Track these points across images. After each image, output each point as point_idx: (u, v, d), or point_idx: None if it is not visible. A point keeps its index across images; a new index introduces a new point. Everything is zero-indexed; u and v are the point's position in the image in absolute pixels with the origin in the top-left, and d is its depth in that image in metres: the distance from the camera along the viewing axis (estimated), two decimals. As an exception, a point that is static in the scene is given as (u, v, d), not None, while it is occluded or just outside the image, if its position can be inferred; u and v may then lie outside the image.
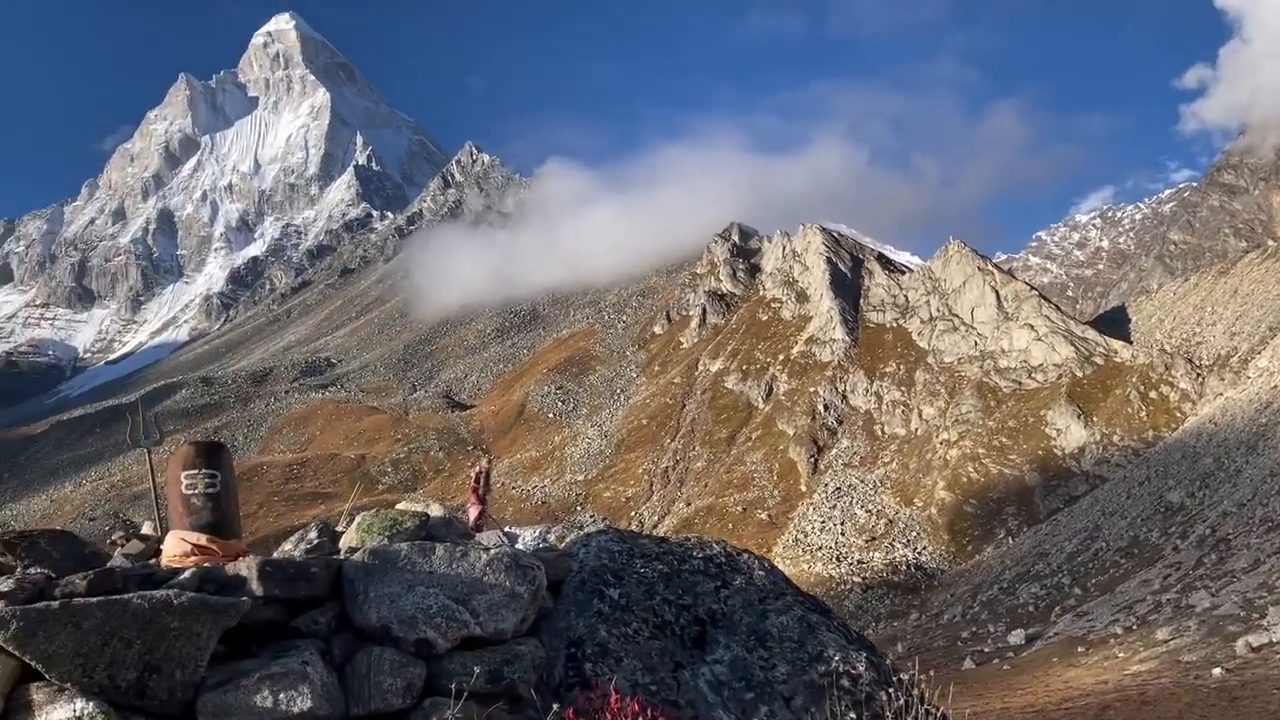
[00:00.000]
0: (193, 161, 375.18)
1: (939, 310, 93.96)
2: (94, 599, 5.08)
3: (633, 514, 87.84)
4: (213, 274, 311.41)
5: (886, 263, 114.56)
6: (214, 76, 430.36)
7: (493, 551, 6.35)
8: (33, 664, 4.95)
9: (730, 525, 76.00)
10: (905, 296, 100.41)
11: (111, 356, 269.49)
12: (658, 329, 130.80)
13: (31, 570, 5.42)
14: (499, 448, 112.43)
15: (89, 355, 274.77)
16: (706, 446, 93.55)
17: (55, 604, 4.99)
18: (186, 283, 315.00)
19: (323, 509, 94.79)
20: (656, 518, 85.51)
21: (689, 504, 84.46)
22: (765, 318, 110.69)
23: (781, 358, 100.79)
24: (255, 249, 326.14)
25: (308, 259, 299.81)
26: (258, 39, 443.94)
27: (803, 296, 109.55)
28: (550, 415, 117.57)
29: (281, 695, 5.22)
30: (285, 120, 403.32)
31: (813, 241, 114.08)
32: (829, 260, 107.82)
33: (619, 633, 6.65)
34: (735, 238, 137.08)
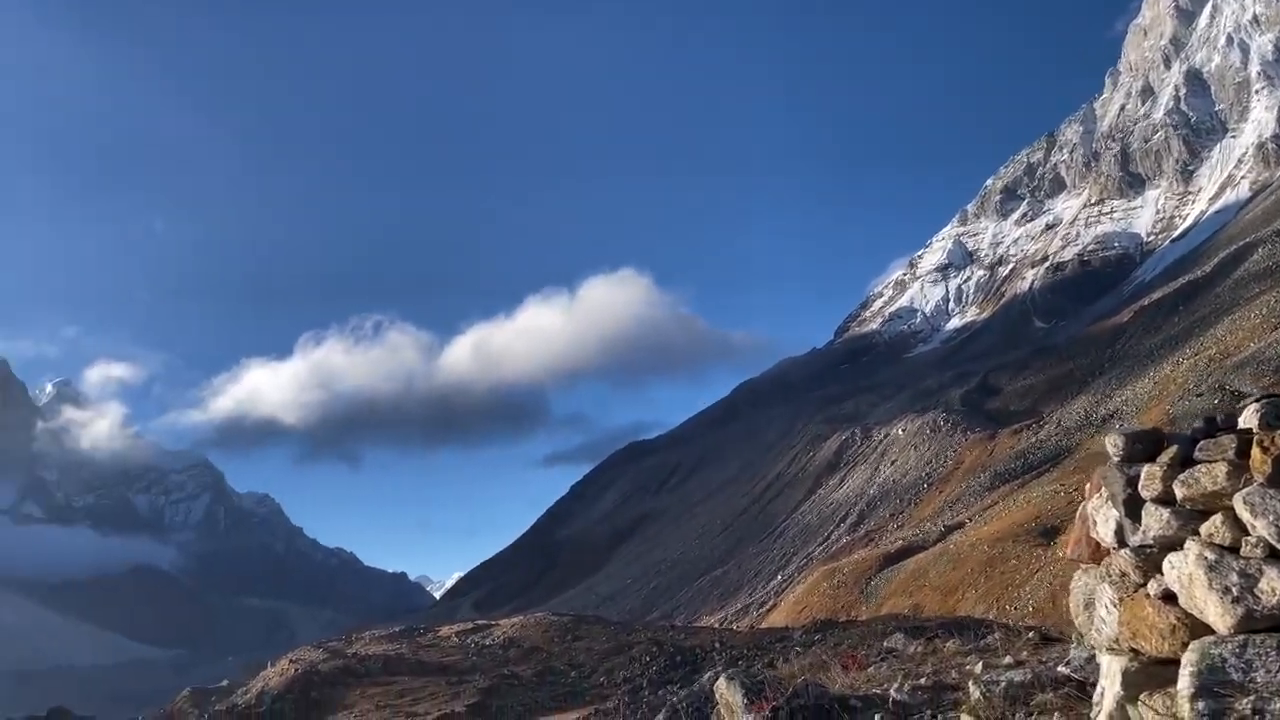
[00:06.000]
0: (1207, 10, 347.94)
1: None
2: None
3: None
4: (1260, 118, 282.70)
5: None
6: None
7: None
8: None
9: None
10: None
11: (1174, 234, 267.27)
12: None
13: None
14: None
15: (1151, 238, 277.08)
16: None
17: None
18: (1233, 137, 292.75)
19: None
20: None
21: None
22: None
23: None
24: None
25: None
26: None
27: None
28: None
29: None
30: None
31: None
32: None
33: None
34: None
